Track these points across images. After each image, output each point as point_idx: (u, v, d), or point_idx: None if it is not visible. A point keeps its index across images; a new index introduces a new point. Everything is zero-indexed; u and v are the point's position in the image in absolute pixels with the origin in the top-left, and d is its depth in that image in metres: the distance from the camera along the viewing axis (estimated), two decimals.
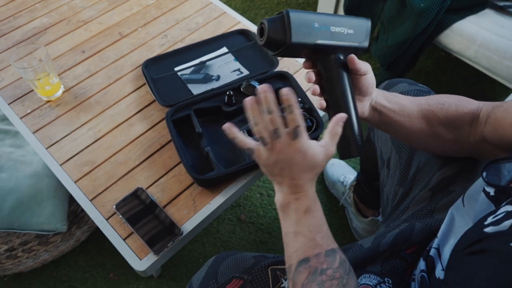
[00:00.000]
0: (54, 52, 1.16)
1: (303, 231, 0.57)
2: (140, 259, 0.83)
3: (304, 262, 0.55)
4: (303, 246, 0.56)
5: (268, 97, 0.57)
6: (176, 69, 1.10)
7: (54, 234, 1.11)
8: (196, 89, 1.05)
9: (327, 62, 0.62)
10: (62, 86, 1.07)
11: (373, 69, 1.76)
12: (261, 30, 0.60)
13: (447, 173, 0.73)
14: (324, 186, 1.36)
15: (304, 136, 0.57)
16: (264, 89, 0.57)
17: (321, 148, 0.59)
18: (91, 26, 1.22)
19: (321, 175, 1.38)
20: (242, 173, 0.92)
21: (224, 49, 1.14)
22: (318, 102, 0.63)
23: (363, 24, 0.63)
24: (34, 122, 1.02)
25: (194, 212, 0.89)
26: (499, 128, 0.62)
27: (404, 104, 0.68)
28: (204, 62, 1.11)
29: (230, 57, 1.12)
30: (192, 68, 1.10)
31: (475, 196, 0.58)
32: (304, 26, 0.58)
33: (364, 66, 0.62)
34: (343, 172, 1.32)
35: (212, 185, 0.91)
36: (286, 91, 0.56)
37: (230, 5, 1.85)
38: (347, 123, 0.62)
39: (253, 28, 1.21)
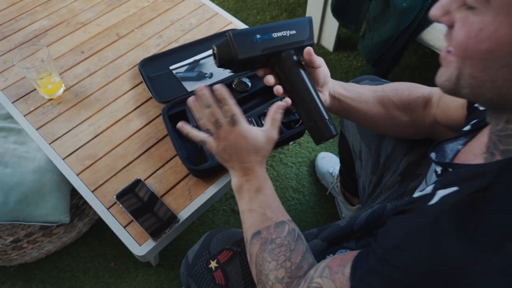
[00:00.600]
0: (55, 53, 1.21)
1: (255, 208, 0.65)
2: (139, 245, 0.89)
3: (256, 234, 0.63)
4: (256, 221, 0.64)
5: (205, 94, 0.66)
6: (171, 67, 1.16)
7: (57, 225, 1.17)
8: (191, 86, 1.11)
9: (282, 64, 0.69)
10: (63, 85, 1.13)
11: (361, 66, 1.81)
12: (214, 55, 0.68)
13: (413, 158, 0.80)
14: (315, 178, 1.43)
15: (242, 122, 0.66)
16: (200, 88, 0.67)
17: (262, 132, 0.68)
18: (89, 27, 1.28)
19: (313, 168, 1.45)
20: None
21: None
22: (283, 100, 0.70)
23: (304, 23, 0.69)
24: (37, 119, 1.08)
25: (189, 201, 0.95)
26: (447, 110, 0.70)
27: (361, 91, 0.75)
28: (198, 60, 1.17)
29: None
30: (187, 66, 1.16)
31: (432, 176, 0.65)
32: (247, 40, 0.66)
33: (319, 60, 0.70)
34: (333, 165, 1.38)
35: (206, 176, 0.97)
36: (217, 87, 0.66)
37: (222, 6, 1.91)
38: (314, 110, 0.68)
39: (244, 28, 1.27)
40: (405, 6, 1.28)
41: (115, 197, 0.94)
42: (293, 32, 0.68)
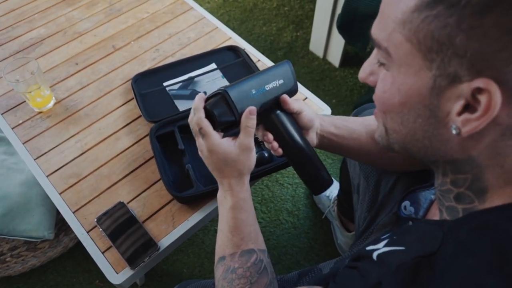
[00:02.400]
0: (49, 64, 1.19)
1: (224, 230, 0.62)
2: (117, 273, 0.86)
3: (221, 259, 0.61)
4: (223, 245, 0.62)
5: (195, 101, 0.64)
6: (164, 84, 1.12)
7: (42, 240, 1.14)
8: (183, 105, 1.08)
9: (266, 120, 0.66)
10: (53, 98, 1.11)
11: (364, 87, 1.74)
12: (211, 118, 0.62)
13: None
14: (312, 201, 1.38)
15: (212, 135, 0.62)
16: (199, 96, 0.64)
17: (233, 142, 0.63)
18: (86, 38, 1.25)
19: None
20: None
21: (213, 65, 1.16)
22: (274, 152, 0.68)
23: (287, 69, 0.66)
24: (25, 133, 1.05)
25: (172, 228, 0.91)
26: None
27: (352, 127, 0.71)
28: (193, 78, 1.13)
29: (218, 73, 1.14)
30: (180, 83, 1.12)
31: None
32: (245, 98, 0.62)
33: (298, 106, 0.66)
34: (330, 188, 1.33)
35: (191, 202, 0.94)
36: (196, 96, 0.64)
37: (228, 15, 1.87)
38: (308, 164, 0.66)
39: (243, 44, 1.23)
40: None
41: (95, 220, 0.91)
42: (281, 81, 0.65)
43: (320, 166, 0.67)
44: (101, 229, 0.90)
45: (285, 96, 0.65)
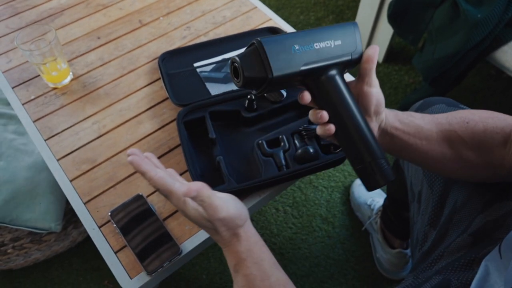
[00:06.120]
0: (68, 36, 1.07)
1: None
2: (130, 278, 0.73)
3: None
4: None
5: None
6: (195, 65, 0.99)
7: (47, 233, 1.02)
8: (215, 89, 0.94)
9: (320, 84, 0.52)
10: (71, 73, 0.98)
11: (413, 83, 1.58)
12: (234, 70, 0.50)
13: (492, 215, 0.60)
14: (349, 208, 1.23)
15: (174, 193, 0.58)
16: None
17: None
18: (110, 11, 1.13)
19: (347, 195, 1.25)
20: (256, 189, 0.81)
21: None
22: (322, 129, 0.53)
23: (351, 30, 0.53)
24: (36, 110, 0.93)
25: (197, 229, 0.78)
26: None
27: (421, 125, 0.57)
28: (227, 60, 1.00)
29: None
30: (213, 65, 0.99)
31: None
32: (284, 53, 0.49)
33: (375, 77, 0.53)
34: (371, 195, 1.19)
35: None
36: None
37: (263, 1, 1.74)
38: (365, 150, 0.52)
39: (285, 27, 1.09)
40: (479, 18, 1.07)
41: (109, 213, 0.78)
42: (338, 42, 0.52)
43: (380, 153, 0.53)
44: (115, 225, 0.77)
45: (375, 48, 0.51)
